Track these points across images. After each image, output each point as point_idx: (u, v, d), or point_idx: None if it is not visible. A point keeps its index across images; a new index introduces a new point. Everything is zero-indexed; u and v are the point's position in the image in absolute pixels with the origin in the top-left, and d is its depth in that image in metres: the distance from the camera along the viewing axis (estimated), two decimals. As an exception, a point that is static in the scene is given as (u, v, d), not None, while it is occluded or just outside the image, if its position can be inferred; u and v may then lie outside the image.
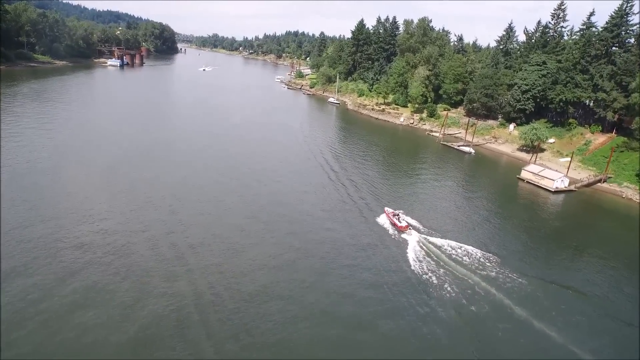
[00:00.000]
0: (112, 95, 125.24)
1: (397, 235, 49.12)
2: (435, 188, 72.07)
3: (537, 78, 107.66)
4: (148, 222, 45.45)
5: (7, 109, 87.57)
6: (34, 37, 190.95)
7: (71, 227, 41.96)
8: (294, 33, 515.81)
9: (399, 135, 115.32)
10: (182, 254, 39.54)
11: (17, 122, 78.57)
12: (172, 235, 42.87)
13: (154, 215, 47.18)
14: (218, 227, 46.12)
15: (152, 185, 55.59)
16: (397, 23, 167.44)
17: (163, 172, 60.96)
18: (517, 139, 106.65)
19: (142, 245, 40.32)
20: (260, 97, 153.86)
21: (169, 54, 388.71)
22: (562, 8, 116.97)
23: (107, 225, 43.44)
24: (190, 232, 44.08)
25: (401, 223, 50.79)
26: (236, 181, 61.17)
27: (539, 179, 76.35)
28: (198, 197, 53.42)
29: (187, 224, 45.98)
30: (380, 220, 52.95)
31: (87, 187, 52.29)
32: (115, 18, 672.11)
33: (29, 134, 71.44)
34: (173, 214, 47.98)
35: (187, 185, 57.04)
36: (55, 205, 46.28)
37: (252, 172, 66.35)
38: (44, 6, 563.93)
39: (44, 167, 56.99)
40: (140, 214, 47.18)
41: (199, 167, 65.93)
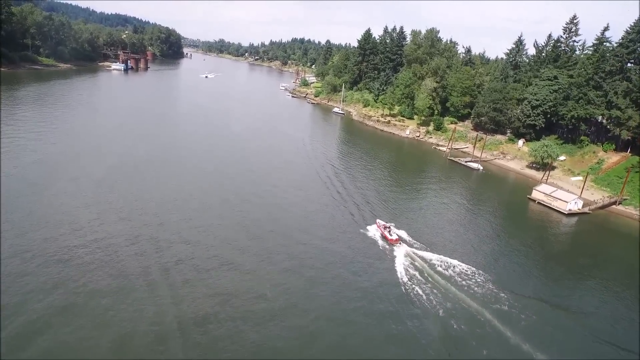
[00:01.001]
0: (113, 101, 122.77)
1: (387, 248, 48.29)
2: (439, 205, 69.27)
3: (548, 93, 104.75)
4: (136, 235, 42.79)
5: (4, 114, 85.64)
6: (39, 40, 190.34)
7: (58, 250, 39.16)
8: (300, 40, 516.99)
9: (405, 149, 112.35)
10: (172, 282, 36.57)
11: (13, 129, 76.22)
12: (159, 254, 39.93)
13: (144, 230, 44.31)
14: (211, 240, 43.26)
15: (144, 199, 52.72)
16: (404, 33, 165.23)
17: (157, 185, 58.07)
18: (526, 156, 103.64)
19: (132, 262, 37.44)
20: (263, 106, 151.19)
21: (174, 58, 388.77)
22: (575, 22, 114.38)
23: (93, 238, 40.63)
24: (183, 250, 41.17)
25: (392, 236, 50.06)
26: (235, 196, 58.31)
27: (551, 200, 73.07)
28: (194, 212, 50.53)
29: (178, 241, 43.05)
30: (370, 231, 52.11)
31: (77, 201, 49.43)
32: (123, 21, 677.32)
33: (22, 142, 69.00)
34: (165, 229, 45.03)
35: (182, 199, 54.15)
36: (37, 219, 43.55)
37: (252, 185, 63.69)
38: (54, 8, 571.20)
39: (33, 178, 54.36)
40: (130, 226, 44.48)
41: (196, 179, 63.12)
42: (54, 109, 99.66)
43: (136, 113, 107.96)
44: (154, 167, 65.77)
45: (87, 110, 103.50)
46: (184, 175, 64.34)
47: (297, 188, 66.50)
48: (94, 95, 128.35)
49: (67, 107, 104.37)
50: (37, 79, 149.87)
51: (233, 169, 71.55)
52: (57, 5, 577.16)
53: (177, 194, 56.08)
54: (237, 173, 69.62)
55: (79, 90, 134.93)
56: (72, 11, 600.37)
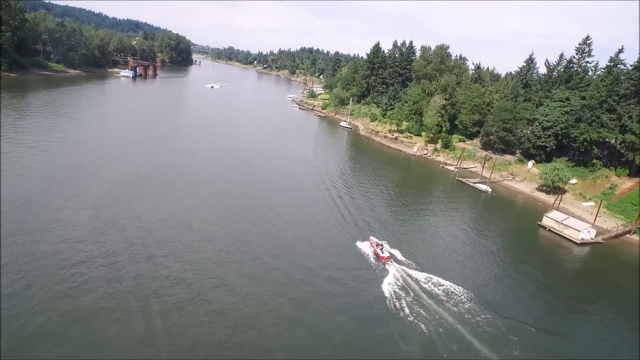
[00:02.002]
0: (118, 112, 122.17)
1: (378, 265, 48.87)
2: (443, 227, 67.99)
3: (560, 115, 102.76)
4: (133, 256, 41.35)
5: (11, 122, 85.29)
6: (51, 46, 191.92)
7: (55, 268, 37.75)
8: (309, 50, 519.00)
9: (412, 167, 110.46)
10: (166, 310, 34.99)
11: (18, 139, 75.61)
12: (159, 278, 38.39)
13: (143, 250, 42.93)
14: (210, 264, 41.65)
15: (143, 220, 51.30)
16: (413, 48, 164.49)
17: (158, 205, 56.67)
18: (536, 178, 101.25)
19: (127, 282, 35.92)
20: (269, 119, 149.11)
21: (183, 65, 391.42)
22: (588, 43, 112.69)
23: (87, 259, 39.17)
24: (183, 275, 39.64)
25: (384, 254, 50.38)
26: (236, 216, 56.76)
27: (562, 228, 70.72)
28: (192, 235, 49.01)
29: (178, 266, 41.50)
30: (362, 248, 52.61)
31: (73, 222, 48.14)
32: (135, 27, 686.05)
33: (26, 153, 68.20)
34: (161, 252, 43.54)
35: (180, 221, 52.66)
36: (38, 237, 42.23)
37: (254, 204, 62.42)
38: (67, 12, 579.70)
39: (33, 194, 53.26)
40: (125, 250, 42.91)
41: (197, 198, 61.76)
42: (60, 118, 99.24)
43: (141, 125, 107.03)
44: (157, 185, 64.36)
45: (93, 121, 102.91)
46: (185, 194, 62.80)
47: (299, 207, 65.77)
48: (100, 105, 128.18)
49: (73, 116, 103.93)
50: (46, 85, 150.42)
51: (237, 188, 70.15)
52: (71, 10, 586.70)
53: (177, 214, 54.62)
54: (241, 192, 68.16)
55: (86, 98, 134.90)
56: (85, 16, 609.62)
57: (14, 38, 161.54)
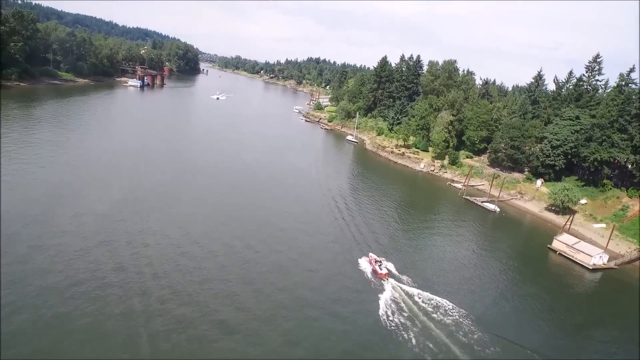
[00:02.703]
0: (125, 124, 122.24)
1: (375, 282, 49.67)
2: (448, 247, 67.18)
3: (570, 134, 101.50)
4: (128, 288, 40.50)
5: (17, 135, 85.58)
6: (61, 55, 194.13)
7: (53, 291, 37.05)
8: (315, 60, 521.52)
9: (418, 184, 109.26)
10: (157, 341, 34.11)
11: (24, 153, 75.67)
12: (153, 309, 37.56)
13: (139, 283, 42.03)
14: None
15: (144, 241, 50.54)
16: (421, 62, 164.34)
17: (160, 225, 55.96)
18: (545, 197, 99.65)
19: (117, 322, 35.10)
20: (276, 132, 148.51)
21: (191, 74, 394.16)
22: (598, 61, 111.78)
23: (88, 288, 38.48)
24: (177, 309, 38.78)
25: (382, 270, 51.07)
26: (239, 240, 55.84)
27: (573, 253, 69.15)
28: (191, 261, 47.94)
29: (172, 298, 40.67)
30: (361, 264, 53.38)
31: (76, 243, 47.54)
32: (144, 35, 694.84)
33: (31, 168, 68.08)
34: (157, 279, 42.72)
35: (185, 242, 51.88)
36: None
37: (258, 222, 61.89)
38: (79, 21, 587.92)
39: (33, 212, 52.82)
40: (122, 277, 42.11)
41: (202, 217, 61.06)
42: (68, 131, 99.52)
43: (146, 138, 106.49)
44: (160, 203, 63.56)
45: (98, 134, 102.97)
46: (190, 213, 62.10)
47: (303, 221, 66.31)
48: (107, 117, 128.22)
49: (79, 128, 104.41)
50: (55, 95, 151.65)
51: (241, 205, 69.50)
52: (82, 18, 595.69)
53: (180, 235, 53.85)
54: (245, 208, 67.55)
55: (93, 109, 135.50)
56: (96, 24, 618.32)
57: (25, 48, 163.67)
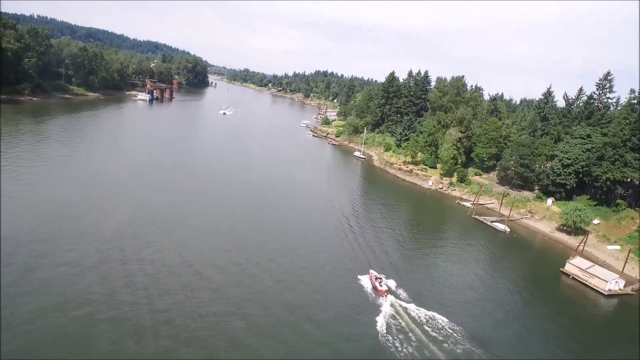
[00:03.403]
0: (133, 139, 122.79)
1: (375, 298, 50.91)
2: (455, 268, 66.18)
3: (581, 152, 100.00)
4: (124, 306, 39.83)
5: (28, 151, 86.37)
6: (72, 70, 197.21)
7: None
8: (323, 73, 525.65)
9: (426, 202, 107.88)
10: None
11: (32, 171, 76.07)
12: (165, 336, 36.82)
13: (146, 306, 41.44)
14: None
15: (146, 269, 49.78)
16: (428, 78, 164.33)
17: (165, 248, 55.27)
18: (556, 216, 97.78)
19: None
20: (283, 147, 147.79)
21: (199, 87, 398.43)
22: (609, 79, 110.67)
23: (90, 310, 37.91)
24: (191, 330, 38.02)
25: (382, 287, 52.13)
26: (242, 267, 54.95)
27: (587, 277, 67.37)
28: (191, 290, 46.77)
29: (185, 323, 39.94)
30: (362, 281, 54.59)
31: (77, 270, 47.13)
32: (154, 48, 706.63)
33: (37, 187, 68.29)
34: (165, 305, 42.05)
35: (188, 268, 51.04)
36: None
37: (263, 239, 61.28)
38: (91, 34, 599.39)
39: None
40: (122, 311, 41.43)
41: (208, 238, 60.46)
42: (76, 146, 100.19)
43: (153, 155, 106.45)
44: (166, 225, 62.61)
45: (107, 150, 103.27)
46: (195, 235, 61.38)
47: (309, 239, 66.39)
48: (115, 132, 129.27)
49: (88, 144, 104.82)
50: (66, 109, 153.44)
51: (247, 223, 69.04)
52: (94, 32, 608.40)
53: (185, 260, 53.06)
54: (251, 227, 66.98)
55: (102, 124, 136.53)
56: (108, 37, 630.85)
57: (39, 63, 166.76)
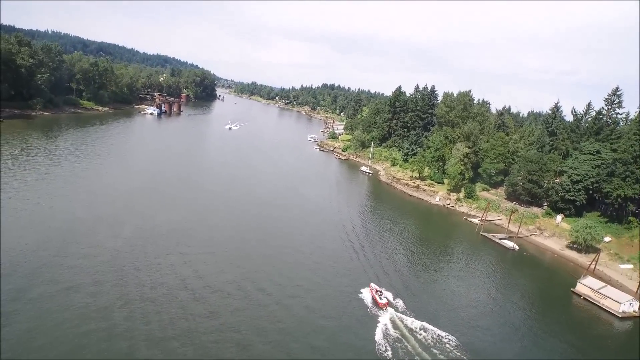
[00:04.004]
0: (140, 154, 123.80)
1: (374, 311, 52.05)
2: (461, 286, 65.48)
3: (590, 168, 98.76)
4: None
5: (37, 166, 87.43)
6: (83, 84, 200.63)
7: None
8: (330, 86, 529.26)
9: (433, 218, 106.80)
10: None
11: (40, 187, 76.82)
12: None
13: (144, 332, 41.07)
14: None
15: (149, 287, 49.67)
16: (435, 92, 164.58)
17: (170, 266, 55.14)
18: (565, 233, 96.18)
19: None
20: (289, 162, 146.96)
21: (207, 100, 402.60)
22: (618, 94, 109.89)
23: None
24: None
25: (381, 300, 53.33)
26: (250, 277, 54.65)
27: (599, 298, 65.80)
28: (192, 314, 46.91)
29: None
30: (363, 293, 55.74)
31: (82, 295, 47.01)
32: (163, 62, 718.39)
33: (42, 203, 68.82)
34: (170, 333, 41.66)
35: (192, 290, 50.65)
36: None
37: (268, 254, 60.97)
38: (102, 49, 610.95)
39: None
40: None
41: (213, 258, 60.08)
42: (84, 161, 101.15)
43: (160, 170, 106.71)
44: (171, 243, 62.48)
45: (114, 165, 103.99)
46: (200, 256, 60.73)
47: (315, 254, 66.16)
48: (123, 147, 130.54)
49: (96, 159, 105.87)
50: (76, 124, 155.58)
51: (252, 239, 68.87)
52: (106, 46, 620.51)
53: (192, 279, 52.80)
54: (256, 242, 66.61)
55: (111, 138, 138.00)
56: (118, 51, 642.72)
57: (51, 79, 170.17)
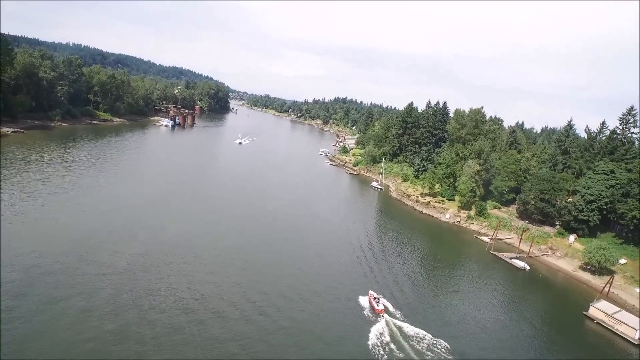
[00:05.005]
0: (152, 166, 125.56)
1: (372, 317, 54.35)
2: (469, 306, 64.28)
3: (604, 189, 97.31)
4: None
5: (53, 177, 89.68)
6: (100, 96, 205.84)
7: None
8: (343, 100, 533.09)
9: (443, 236, 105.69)
10: None
11: (55, 199, 78.61)
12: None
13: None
14: None
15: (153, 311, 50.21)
16: (447, 109, 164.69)
17: (172, 279, 55.46)
18: (578, 254, 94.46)
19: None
20: (300, 177, 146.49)
21: (221, 112, 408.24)
22: (633, 113, 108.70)
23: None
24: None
25: (378, 306, 55.52)
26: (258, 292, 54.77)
27: (614, 323, 64.23)
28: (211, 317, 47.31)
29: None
30: (361, 300, 57.92)
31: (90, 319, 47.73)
32: (179, 73, 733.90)
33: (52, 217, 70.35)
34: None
35: (199, 309, 51.21)
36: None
37: (277, 270, 60.62)
38: (120, 61, 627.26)
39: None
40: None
41: (216, 273, 60.10)
42: (98, 173, 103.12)
43: (171, 181, 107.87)
44: (181, 256, 62.93)
45: (127, 178, 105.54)
46: (211, 267, 61.49)
47: (323, 270, 65.98)
48: (136, 159, 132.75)
49: (110, 171, 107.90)
50: (92, 134, 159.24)
51: (261, 255, 69.08)
52: (123, 58, 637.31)
53: (196, 294, 52.99)
54: (265, 261, 66.79)
55: (125, 150, 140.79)
56: (135, 63, 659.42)
57: (70, 91, 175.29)
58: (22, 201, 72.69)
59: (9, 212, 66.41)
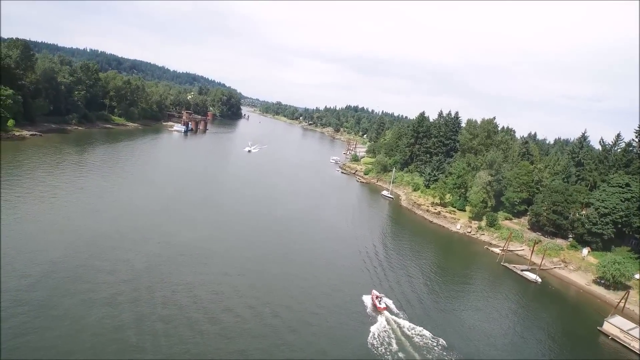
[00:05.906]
0: (164, 170, 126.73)
1: (373, 314, 56.70)
2: (475, 318, 63.36)
3: (619, 202, 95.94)
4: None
5: (68, 179, 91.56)
6: (116, 101, 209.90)
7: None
8: (354, 108, 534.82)
9: (453, 246, 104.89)
10: None
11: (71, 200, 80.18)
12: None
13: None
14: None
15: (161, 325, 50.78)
16: (459, 119, 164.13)
17: (182, 285, 55.60)
18: (592, 267, 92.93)
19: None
20: (310, 185, 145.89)
21: (233, 119, 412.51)
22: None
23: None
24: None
25: (380, 305, 57.63)
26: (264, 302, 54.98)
27: (630, 340, 62.95)
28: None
29: None
30: (364, 299, 60.29)
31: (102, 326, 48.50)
32: (192, 79, 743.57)
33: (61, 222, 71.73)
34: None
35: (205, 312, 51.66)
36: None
37: (286, 278, 60.81)
38: (135, 66, 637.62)
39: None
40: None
41: (226, 281, 60.22)
42: (111, 177, 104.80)
43: (183, 188, 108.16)
44: (191, 264, 63.16)
45: (140, 182, 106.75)
46: (220, 276, 60.96)
47: (331, 278, 63.70)
48: (149, 163, 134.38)
49: (123, 175, 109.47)
50: (106, 139, 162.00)
51: (271, 265, 68.88)
52: (138, 64, 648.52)
53: (205, 302, 53.10)
54: (274, 269, 66.90)
55: (138, 154, 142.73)
56: (150, 69, 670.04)
57: (87, 95, 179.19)
58: (35, 203, 74.43)
59: (24, 210, 68.58)
